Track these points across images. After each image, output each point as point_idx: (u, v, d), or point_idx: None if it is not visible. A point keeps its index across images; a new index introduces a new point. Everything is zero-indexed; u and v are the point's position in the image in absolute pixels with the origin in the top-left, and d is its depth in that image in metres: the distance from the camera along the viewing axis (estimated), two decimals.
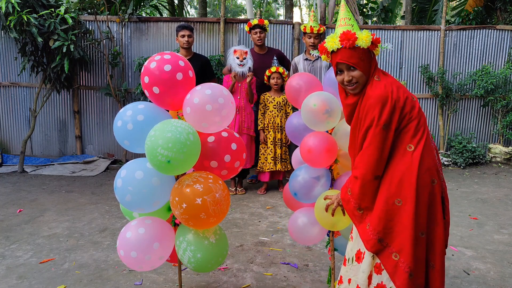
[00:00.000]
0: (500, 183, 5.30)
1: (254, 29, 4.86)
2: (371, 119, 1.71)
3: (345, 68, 1.79)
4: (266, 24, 4.89)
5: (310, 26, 4.58)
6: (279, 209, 4.20)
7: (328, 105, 2.17)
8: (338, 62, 1.80)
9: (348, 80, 1.79)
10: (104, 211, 4.07)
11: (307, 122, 2.26)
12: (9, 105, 6.34)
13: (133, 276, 2.72)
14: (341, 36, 1.76)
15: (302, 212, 2.42)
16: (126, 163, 2.03)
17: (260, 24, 4.83)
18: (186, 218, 1.92)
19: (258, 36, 4.86)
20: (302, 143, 2.28)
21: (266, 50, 5.02)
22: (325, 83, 2.34)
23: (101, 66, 6.22)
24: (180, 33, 4.65)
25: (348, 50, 1.76)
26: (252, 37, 4.94)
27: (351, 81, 1.79)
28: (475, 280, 2.69)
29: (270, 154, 4.72)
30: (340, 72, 1.83)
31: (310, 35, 4.65)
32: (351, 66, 1.78)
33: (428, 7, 9.44)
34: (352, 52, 1.76)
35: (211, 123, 2.00)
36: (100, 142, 6.41)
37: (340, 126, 2.27)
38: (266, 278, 2.71)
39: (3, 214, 3.94)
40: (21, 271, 2.78)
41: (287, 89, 2.41)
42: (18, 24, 4.97)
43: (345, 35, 1.75)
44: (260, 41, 4.88)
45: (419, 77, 6.45)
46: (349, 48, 1.76)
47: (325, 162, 2.24)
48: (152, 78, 1.98)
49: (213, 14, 22.83)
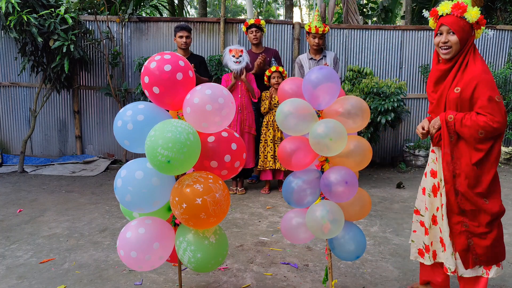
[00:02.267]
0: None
1: (250, 28, 4.96)
2: (492, 88, 2.03)
3: (446, 31, 2.09)
4: (262, 24, 4.99)
5: (315, 27, 4.59)
6: (279, 209, 4.20)
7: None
8: (442, 24, 2.10)
9: (444, 42, 2.09)
10: (104, 211, 4.07)
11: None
12: (9, 105, 6.34)
13: (133, 276, 2.72)
14: (454, 4, 2.07)
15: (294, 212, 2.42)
16: (126, 163, 2.03)
17: (256, 24, 4.93)
18: (186, 218, 1.91)
19: (254, 35, 4.96)
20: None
21: (262, 50, 5.09)
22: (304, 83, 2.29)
23: (101, 66, 6.22)
24: (178, 34, 4.73)
25: (455, 17, 2.07)
26: (248, 36, 5.04)
27: (446, 43, 2.08)
28: None
29: (270, 152, 4.73)
30: (440, 34, 2.12)
31: (314, 35, 4.67)
32: (451, 31, 2.07)
33: (428, 7, 9.44)
34: (458, 20, 2.07)
35: (211, 123, 2.00)
36: (100, 142, 6.41)
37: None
38: (266, 278, 2.71)
39: (3, 214, 3.94)
40: (21, 271, 2.78)
41: (280, 93, 2.39)
42: (18, 24, 4.97)
43: (458, 4, 2.06)
44: (256, 39, 4.98)
45: (419, 77, 6.45)
46: (457, 16, 2.06)
47: (304, 161, 2.23)
48: (152, 78, 1.97)
49: (213, 14, 22.83)
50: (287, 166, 2.28)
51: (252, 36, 4.96)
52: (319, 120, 2.16)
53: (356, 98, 2.22)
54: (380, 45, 6.35)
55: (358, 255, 2.31)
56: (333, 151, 2.11)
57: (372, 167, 6.20)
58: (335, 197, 2.17)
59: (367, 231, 3.54)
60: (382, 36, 6.33)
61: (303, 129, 2.18)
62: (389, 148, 6.58)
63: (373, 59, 6.37)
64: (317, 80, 2.14)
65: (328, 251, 2.39)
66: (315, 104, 2.22)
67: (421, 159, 6.12)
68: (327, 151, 2.10)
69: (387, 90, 5.33)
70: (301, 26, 6.19)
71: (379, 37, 6.33)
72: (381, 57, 6.37)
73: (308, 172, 2.29)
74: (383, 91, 5.34)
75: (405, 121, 6.46)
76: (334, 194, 2.15)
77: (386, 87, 5.37)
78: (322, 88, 2.15)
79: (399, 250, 3.15)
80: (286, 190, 2.29)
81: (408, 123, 6.52)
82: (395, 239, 3.39)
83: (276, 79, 4.65)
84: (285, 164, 2.27)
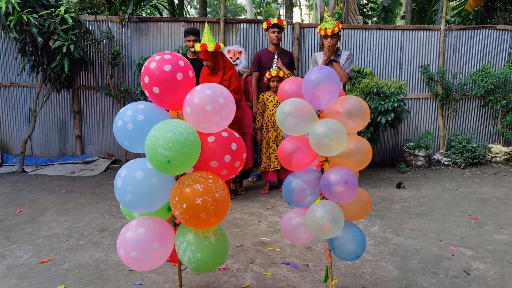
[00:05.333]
0: (500, 183, 5.30)
1: (272, 28, 4.93)
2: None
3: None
4: (284, 25, 4.97)
5: (325, 28, 4.55)
6: (279, 209, 4.20)
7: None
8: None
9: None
10: (104, 211, 4.07)
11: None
12: (9, 105, 6.34)
13: (133, 276, 2.72)
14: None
15: (294, 212, 2.42)
16: (126, 163, 2.03)
17: (278, 24, 4.90)
18: (186, 218, 1.91)
19: (276, 35, 4.93)
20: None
21: (280, 50, 5.07)
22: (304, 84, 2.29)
23: (101, 66, 6.22)
24: (187, 38, 4.93)
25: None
26: (269, 35, 5.01)
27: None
28: (475, 280, 2.69)
29: (274, 153, 4.72)
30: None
31: (326, 36, 4.63)
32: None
33: (428, 7, 9.44)
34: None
35: (211, 123, 2.00)
36: (100, 142, 6.41)
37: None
38: (266, 278, 2.71)
39: (3, 214, 3.94)
40: (21, 271, 2.78)
41: (280, 93, 2.39)
42: (18, 24, 4.97)
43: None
44: (276, 40, 4.96)
45: (419, 77, 6.45)
46: None
47: (304, 161, 2.23)
48: (152, 78, 1.97)
49: (213, 14, 22.83)
50: (287, 166, 2.28)
51: (274, 36, 4.93)
52: (319, 120, 2.16)
53: (356, 98, 2.22)
54: (380, 45, 6.35)
55: (358, 255, 2.31)
56: (333, 151, 2.11)
57: (372, 167, 6.20)
58: (335, 197, 2.17)
59: (367, 231, 3.54)
60: (382, 36, 6.33)
61: (303, 129, 2.18)
62: (389, 148, 6.58)
63: (373, 59, 6.37)
64: (317, 80, 2.14)
65: (328, 251, 2.39)
66: (315, 104, 2.22)
67: (421, 159, 6.12)
68: (327, 151, 2.10)
69: (387, 90, 5.33)
70: (301, 26, 6.19)
71: (379, 37, 6.33)
72: (381, 57, 6.37)
73: (308, 172, 2.29)
74: (383, 91, 5.34)
75: (405, 121, 6.46)
76: (334, 194, 2.15)
77: (386, 87, 5.37)
78: (322, 88, 2.15)
79: (399, 250, 3.15)
80: (286, 190, 2.29)
81: (408, 123, 6.52)
82: (395, 239, 3.39)
83: (275, 83, 4.64)
84: (285, 164, 2.27)
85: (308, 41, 6.27)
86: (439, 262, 2.96)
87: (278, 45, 5.04)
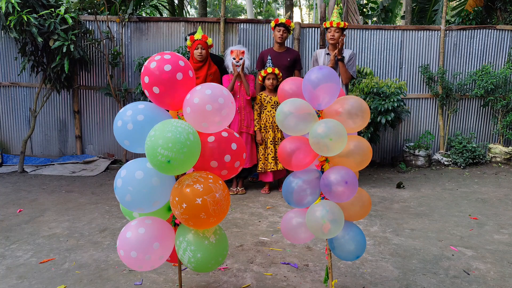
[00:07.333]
0: (500, 183, 5.30)
1: (279, 26, 4.96)
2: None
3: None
4: (292, 26, 5.01)
5: (331, 21, 4.63)
6: (279, 209, 4.20)
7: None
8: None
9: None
10: (104, 211, 4.07)
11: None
12: (9, 105, 6.34)
13: (133, 276, 2.72)
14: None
15: (294, 212, 2.42)
16: (126, 163, 2.03)
17: (285, 24, 4.93)
18: (186, 218, 1.91)
19: (281, 34, 4.96)
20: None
21: (284, 49, 5.08)
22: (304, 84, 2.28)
23: (101, 66, 6.22)
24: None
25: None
26: (275, 34, 5.04)
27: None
28: (475, 280, 2.69)
29: (271, 154, 4.73)
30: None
31: (330, 29, 4.70)
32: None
33: (428, 7, 9.44)
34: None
35: (211, 123, 2.00)
36: (100, 142, 6.41)
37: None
38: (266, 278, 2.71)
39: (3, 214, 3.94)
40: (21, 271, 2.78)
41: (280, 93, 2.39)
42: (18, 24, 4.97)
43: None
44: (281, 39, 4.98)
45: (419, 77, 6.45)
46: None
47: (304, 161, 2.23)
48: (152, 78, 1.97)
49: (213, 14, 22.83)
50: (287, 166, 2.28)
51: (279, 35, 4.95)
52: (319, 120, 2.16)
53: (356, 98, 2.22)
54: (380, 45, 6.35)
55: (358, 255, 2.31)
56: (333, 151, 2.11)
57: (372, 167, 6.20)
58: (335, 197, 2.16)
59: (367, 231, 3.54)
60: (382, 36, 6.33)
61: (303, 129, 2.18)
62: (389, 148, 6.58)
63: (373, 59, 6.37)
64: (317, 80, 2.14)
65: (328, 251, 2.39)
66: (315, 104, 2.22)
67: (421, 159, 6.12)
68: (327, 151, 2.10)
69: (387, 90, 5.33)
70: (301, 26, 6.19)
71: (379, 37, 6.33)
72: (381, 57, 6.37)
73: (308, 172, 2.29)
74: (383, 91, 5.34)
75: (405, 121, 6.47)
76: (334, 194, 2.15)
77: (386, 87, 5.37)
78: (322, 88, 2.14)
79: (399, 250, 3.15)
80: (286, 190, 2.29)
81: (408, 123, 6.52)
82: (395, 239, 3.39)
83: (271, 80, 4.66)
84: (285, 164, 2.27)
85: (308, 41, 6.27)
86: (439, 262, 2.96)
87: (282, 44, 5.05)
